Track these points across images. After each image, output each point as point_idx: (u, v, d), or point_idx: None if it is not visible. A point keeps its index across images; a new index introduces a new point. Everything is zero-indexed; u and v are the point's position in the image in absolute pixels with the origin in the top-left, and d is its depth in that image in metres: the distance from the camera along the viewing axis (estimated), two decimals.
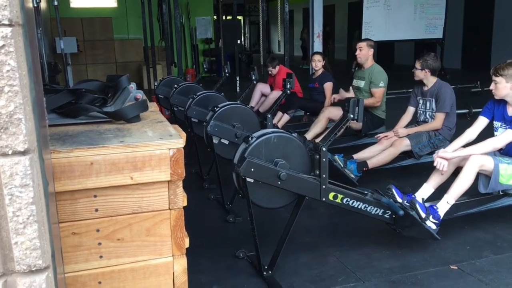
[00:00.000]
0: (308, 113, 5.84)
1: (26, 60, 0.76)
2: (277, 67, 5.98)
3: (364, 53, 4.76)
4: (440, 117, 3.98)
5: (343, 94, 5.08)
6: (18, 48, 0.72)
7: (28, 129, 0.74)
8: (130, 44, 12.13)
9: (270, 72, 5.96)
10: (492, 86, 3.16)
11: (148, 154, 1.20)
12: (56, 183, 1.11)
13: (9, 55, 0.71)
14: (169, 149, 1.22)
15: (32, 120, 0.76)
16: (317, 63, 5.64)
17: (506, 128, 3.20)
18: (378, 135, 4.27)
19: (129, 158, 1.18)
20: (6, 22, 0.70)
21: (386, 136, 4.17)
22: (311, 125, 4.98)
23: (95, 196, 1.19)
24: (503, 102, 3.20)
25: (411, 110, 4.28)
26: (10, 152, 0.72)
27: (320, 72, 5.65)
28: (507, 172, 3.04)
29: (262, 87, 6.36)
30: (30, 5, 0.89)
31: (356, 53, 4.81)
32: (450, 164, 3.13)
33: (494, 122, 3.30)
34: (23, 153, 0.73)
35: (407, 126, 4.25)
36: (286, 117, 5.64)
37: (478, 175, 3.10)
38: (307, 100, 5.82)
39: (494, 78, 3.11)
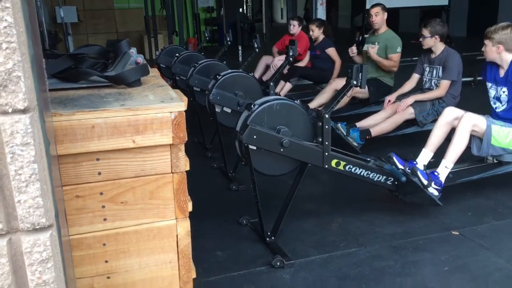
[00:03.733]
0: (312, 82, 5.79)
1: (23, 16, 0.74)
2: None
3: (380, 17, 4.69)
4: (445, 85, 3.94)
5: (371, 53, 4.70)
6: (14, 3, 0.71)
7: (28, 87, 0.73)
8: (130, 14, 11.96)
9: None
10: (483, 48, 3.22)
11: (150, 118, 1.20)
12: (58, 146, 1.11)
13: (6, 11, 0.69)
14: (171, 112, 1.22)
15: (31, 78, 0.75)
16: (312, 33, 5.58)
17: (496, 89, 3.24)
18: (384, 104, 4.22)
19: (131, 121, 1.18)
20: None
21: (389, 101, 4.14)
22: (317, 95, 4.94)
23: (97, 159, 1.19)
24: (495, 65, 3.20)
25: (415, 77, 4.24)
26: (10, 110, 0.72)
27: (320, 39, 5.59)
28: (500, 134, 3.04)
29: (266, 60, 6.29)
30: None
31: (372, 19, 4.71)
32: (445, 125, 3.13)
33: (486, 82, 3.34)
34: (23, 111, 0.73)
35: (409, 92, 4.21)
36: (288, 86, 5.59)
37: (472, 137, 3.09)
38: (309, 68, 5.76)
39: (484, 41, 3.17)
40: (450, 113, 3.13)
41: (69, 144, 1.13)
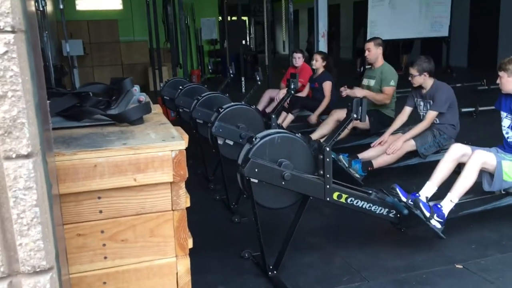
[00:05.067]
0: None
1: (29, 65, 0.77)
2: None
3: (373, 53, 4.74)
4: (430, 116, 3.97)
5: (356, 92, 4.77)
6: (20, 54, 0.74)
7: (32, 133, 0.75)
8: (136, 46, 12.19)
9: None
10: (498, 81, 3.24)
11: (151, 156, 1.22)
12: (60, 185, 1.13)
13: (12, 61, 0.72)
14: (172, 150, 1.24)
15: (35, 124, 0.78)
16: (315, 63, 5.67)
17: (511, 119, 3.27)
18: (373, 143, 4.24)
19: (132, 160, 1.20)
20: (9, 28, 0.72)
21: (382, 141, 4.15)
22: (319, 126, 4.98)
23: (99, 197, 1.20)
24: (510, 95, 3.24)
25: (407, 110, 4.26)
26: (14, 156, 0.74)
27: (320, 71, 5.67)
28: (510, 169, 3.05)
29: (270, 93, 6.37)
30: (33, 10, 0.90)
31: (365, 54, 4.79)
32: (451, 161, 3.14)
33: (501, 112, 3.37)
34: (27, 156, 0.75)
35: (401, 127, 4.23)
36: (290, 117, 5.65)
37: (482, 173, 3.11)
38: (309, 99, 5.83)
39: (499, 73, 3.21)
40: (458, 150, 3.14)
41: (71, 183, 1.15)
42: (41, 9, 4.78)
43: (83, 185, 1.16)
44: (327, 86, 5.54)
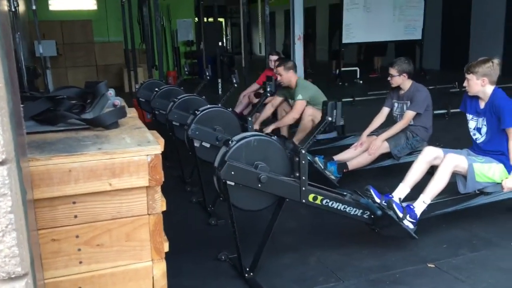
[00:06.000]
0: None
1: (3, 72, 0.77)
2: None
3: (284, 77, 4.91)
4: (408, 115, 4.06)
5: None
6: None
7: (6, 140, 0.75)
8: (110, 47, 12.05)
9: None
10: (465, 83, 3.32)
11: (126, 161, 1.22)
12: (35, 190, 1.12)
13: None
14: (147, 155, 1.24)
15: (9, 130, 0.78)
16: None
17: (477, 120, 3.36)
18: (354, 145, 4.31)
19: (107, 164, 1.20)
20: None
21: (361, 144, 4.22)
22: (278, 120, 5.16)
23: (74, 202, 1.20)
24: (475, 97, 3.32)
25: (385, 111, 4.34)
26: None
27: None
28: (482, 171, 3.15)
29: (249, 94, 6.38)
30: (6, 15, 0.90)
31: (278, 79, 4.92)
32: (424, 163, 3.21)
33: (466, 114, 3.46)
34: (1, 163, 0.75)
35: (380, 127, 4.31)
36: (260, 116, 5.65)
37: (456, 175, 3.19)
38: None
39: (466, 75, 3.28)
40: (430, 153, 3.22)
41: (45, 188, 1.15)
42: (13, 9, 4.69)
43: (58, 190, 1.16)
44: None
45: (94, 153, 1.19)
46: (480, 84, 3.21)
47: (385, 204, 2.95)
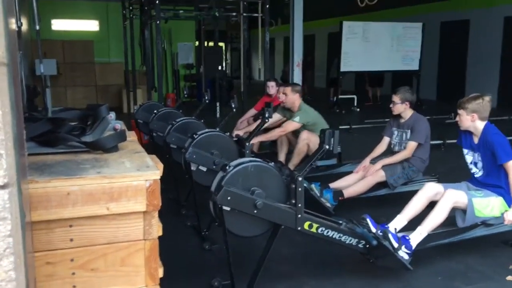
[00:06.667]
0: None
1: (9, 98, 0.79)
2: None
3: (290, 98, 5.00)
4: (411, 146, 4.09)
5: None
6: (2, 87, 0.75)
7: (9, 164, 0.76)
8: (111, 68, 12.14)
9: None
10: (457, 118, 3.39)
11: (125, 185, 1.23)
12: (32, 212, 1.12)
13: None
14: (146, 180, 1.25)
15: (12, 155, 0.79)
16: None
17: (473, 155, 3.40)
18: (355, 170, 4.33)
19: (106, 189, 1.21)
20: None
21: (364, 166, 4.25)
22: (278, 148, 5.24)
23: (70, 226, 1.20)
24: (469, 132, 3.37)
25: (386, 140, 4.39)
26: None
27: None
28: (481, 205, 3.17)
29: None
30: (16, 44, 0.92)
31: (282, 98, 5.05)
32: (424, 199, 3.23)
33: (463, 149, 3.50)
34: (3, 187, 0.75)
35: (380, 156, 4.34)
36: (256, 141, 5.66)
37: (454, 209, 3.21)
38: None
39: (458, 110, 3.36)
40: (431, 189, 3.24)
41: (43, 211, 1.15)
42: (16, 29, 4.74)
43: (55, 213, 1.16)
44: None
45: (93, 177, 1.20)
46: (470, 120, 3.28)
47: (381, 234, 2.95)
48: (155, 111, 4.98)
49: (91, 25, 12.89)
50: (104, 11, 12.60)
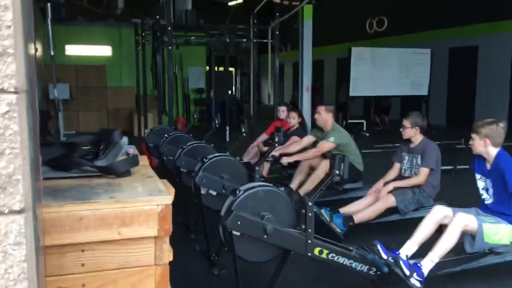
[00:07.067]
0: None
1: (27, 123, 0.80)
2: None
3: (323, 117, 5.01)
4: (424, 172, 4.07)
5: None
6: (21, 113, 0.77)
7: (25, 189, 0.77)
8: (122, 92, 12.30)
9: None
10: (470, 142, 3.37)
11: (137, 210, 1.23)
12: (46, 237, 1.13)
13: (12, 120, 0.75)
14: (158, 205, 1.25)
15: (29, 180, 0.80)
16: (292, 121, 5.78)
17: (485, 181, 3.35)
18: (368, 192, 4.31)
19: (118, 213, 1.21)
20: (12, 89, 0.75)
21: (377, 188, 4.23)
22: (294, 174, 5.09)
23: (82, 250, 1.20)
24: (483, 157, 3.34)
25: (397, 166, 4.37)
26: (6, 211, 0.76)
27: (295, 127, 5.79)
28: (491, 231, 3.12)
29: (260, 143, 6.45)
30: (34, 70, 0.95)
31: (315, 116, 5.07)
32: (433, 223, 3.20)
33: (475, 174, 3.47)
34: (19, 212, 0.76)
35: (391, 181, 4.32)
36: (267, 165, 5.67)
37: (464, 234, 3.17)
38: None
39: (471, 134, 3.34)
40: (440, 212, 3.22)
41: (56, 235, 1.16)
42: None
43: (68, 237, 1.17)
44: (292, 140, 5.58)
45: (106, 201, 1.21)
46: (483, 145, 3.25)
47: (392, 261, 2.91)
48: (165, 135, 5.02)
49: (104, 50, 13.12)
50: (117, 36, 12.83)
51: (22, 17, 0.80)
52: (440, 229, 3.20)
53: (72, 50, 12.63)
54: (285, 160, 4.92)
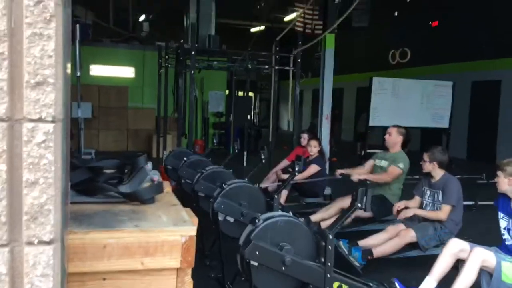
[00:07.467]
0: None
1: (61, 152, 0.80)
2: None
3: (393, 138, 4.91)
4: (446, 209, 3.98)
5: (353, 176, 4.95)
6: (56, 142, 0.77)
7: (56, 220, 0.76)
8: (143, 113, 12.45)
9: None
10: (496, 179, 3.30)
11: (161, 240, 1.21)
12: (69, 264, 1.12)
13: (48, 149, 0.75)
14: (182, 236, 1.23)
15: (60, 210, 0.79)
16: (312, 149, 5.75)
17: (508, 221, 3.26)
18: (394, 210, 4.27)
19: (142, 243, 1.19)
20: (50, 119, 0.75)
21: (399, 206, 4.17)
22: (322, 209, 5.00)
23: (104, 279, 1.18)
24: (508, 196, 3.26)
25: (417, 199, 4.30)
26: (36, 242, 0.74)
27: (313, 157, 5.75)
28: (510, 270, 3.01)
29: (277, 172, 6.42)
30: (69, 97, 0.95)
31: (386, 136, 4.97)
32: (450, 255, 3.11)
33: (498, 212, 3.39)
34: (48, 243, 0.75)
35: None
36: (285, 192, 5.63)
37: (481, 271, 3.06)
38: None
39: (497, 172, 3.28)
40: (456, 245, 3.13)
41: (78, 263, 1.14)
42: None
43: (90, 265, 1.15)
44: (312, 168, 5.64)
45: (131, 230, 1.19)
46: (507, 184, 3.18)
47: None
48: (184, 158, 5.03)
49: (127, 72, 13.35)
50: (141, 58, 13.07)
51: (63, 47, 0.80)
52: (457, 266, 3.11)
53: (96, 70, 12.89)
54: (356, 177, 4.84)
